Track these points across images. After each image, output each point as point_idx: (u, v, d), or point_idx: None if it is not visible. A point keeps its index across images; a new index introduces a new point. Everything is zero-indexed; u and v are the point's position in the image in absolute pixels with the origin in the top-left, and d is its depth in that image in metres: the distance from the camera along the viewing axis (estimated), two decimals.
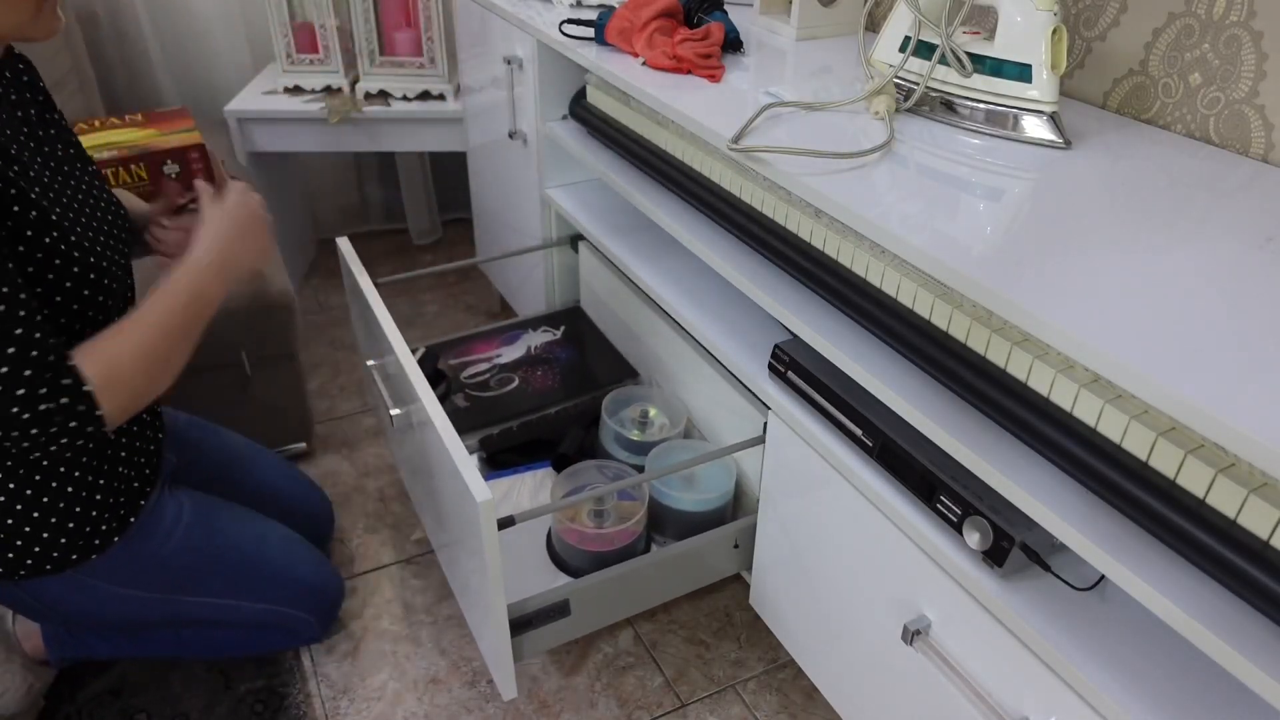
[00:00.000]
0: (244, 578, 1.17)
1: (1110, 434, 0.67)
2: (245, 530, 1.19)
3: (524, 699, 1.27)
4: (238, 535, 1.17)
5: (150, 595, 1.10)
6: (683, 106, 1.09)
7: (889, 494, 0.91)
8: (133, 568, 1.07)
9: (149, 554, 1.07)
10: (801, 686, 1.30)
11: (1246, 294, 0.72)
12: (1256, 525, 0.59)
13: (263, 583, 1.19)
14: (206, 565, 1.13)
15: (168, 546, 1.09)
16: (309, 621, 1.27)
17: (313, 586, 1.27)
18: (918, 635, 0.90)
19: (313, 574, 1.27)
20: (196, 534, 1.12)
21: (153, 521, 1.08)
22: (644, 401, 1.36)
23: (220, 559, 1.14)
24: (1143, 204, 0.87)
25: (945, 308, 0.81)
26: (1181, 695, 0.71)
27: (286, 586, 1.22)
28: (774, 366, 1.06)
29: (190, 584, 1.12)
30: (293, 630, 1.27)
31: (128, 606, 1.09)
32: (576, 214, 1.49)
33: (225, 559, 1.15)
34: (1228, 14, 0.98)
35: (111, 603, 1.07)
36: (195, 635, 1.23)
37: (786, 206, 0.99)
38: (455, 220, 2.57)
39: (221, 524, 1.16)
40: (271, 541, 1.22)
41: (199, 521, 1.13)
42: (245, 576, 1.17)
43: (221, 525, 1.16)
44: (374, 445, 1.73)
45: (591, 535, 1.16)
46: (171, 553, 1.09)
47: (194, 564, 1.12)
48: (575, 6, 1.48)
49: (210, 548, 1.13)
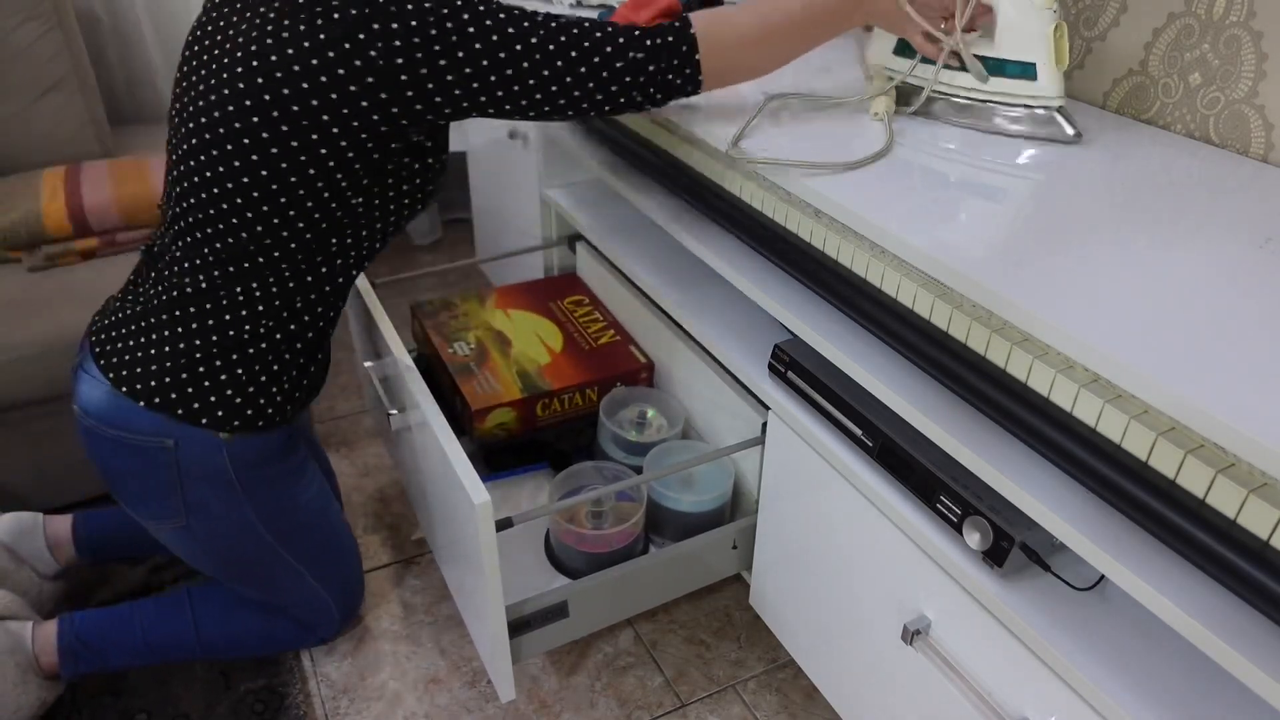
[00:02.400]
0: (326, 552, 1.23)
1: (1110, 434, 0.67)
2: (338, 511, 1.26)
3: (524, 699, 1.27)
4: (337, 513, 1.25)
5: (265, 535, 1.13)
6: (682, 106, 1.09)
7: (889, 494, 0.91)
8: (276, 502, 1.12)
9: (292, 495, 1.14)
10: (801, 686, 1.30)
11: (1246, 294, 0.72)
12: (1256, 525, 0.59)
13: (332, 564, 1.25)
14: (313, 526, 1.19)
15: (304, 496, 1.16)
16: (334, 618, 1.30)
17: (353, 585, 1.32)
18: (918, 635, 0.90)
19: (357, 576, 1.32)
20: (320, 497, 1.19)
21: (303, 468, 1.15)
22: (642, 402, 1.36)
23: (322, 526, 1.21)
24: (1143, 204, 0.87)
25: (945, 308, 0.81)
26: (1181, 695, 0.71)
27: (342, 575, 1.28)
28: (774, 366, 1.06)
29: (295, 537, 1.17)
30: (311, 625, 1.29)
31: (242, 539, 1.12)
32: (576, 214, 1.49)
33: (326, 528, 1.21)
34: (1228, 14, 0.98)
35: (237, 529, 1.10)
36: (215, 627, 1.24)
37: (786, 206, 0.99)
38: (455, 220, 2.57)
39: (330, 497, 1.23)
40: (349, 531, 1.29)
41: (322, 487, 1.20)
42: (327, 551, 1.23)
43: (330, 498, 1.23)
44: (374, 445, 1.73)
45: (590, 537, 1.16)
46: (303, 503, 1.16)
47: (307, 521, 1.17)
48: (575, 6, 1.48)
49: (322, 513, 1.20)
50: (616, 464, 1.26)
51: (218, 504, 1.07)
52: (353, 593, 1.32)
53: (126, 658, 1.23)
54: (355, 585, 1.32)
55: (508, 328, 1.44)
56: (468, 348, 1.38)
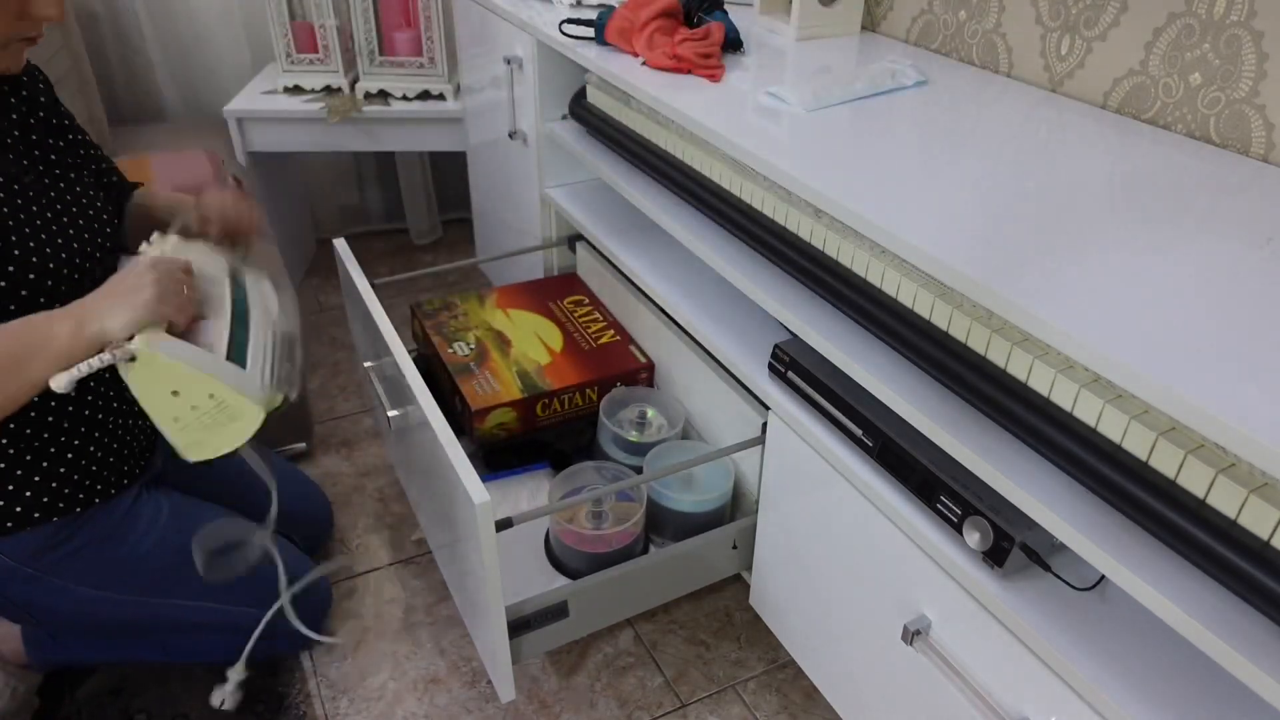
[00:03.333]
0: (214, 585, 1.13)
1: (1110, 434, 0.67)
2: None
3: (524, 699, 1.27)
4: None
5: (125, 597, 1.07)
6: (683, 106, 1.09)
7: (889, 494, 0.91)
8: (105, 569, 1.05)
9: (123, 555, 1.05)
10: (801, 686, 1.30)
11: (1246, 294, 0.72)
12: (1256, 525, 0.59)
13: (244, 585, 1.14)
14: (185, 566, 1.09)
15: (143, 546, 1.07)
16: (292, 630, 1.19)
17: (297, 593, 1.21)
18: (918, 635, 0.90)
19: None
20: (174, 534, 1.09)
21: (129, 522, 1.06)
22: (642, 402, 1.36)
23: (184, 566, 1.10)
24: (1143, 204, 0.87)
25: (945, 308, 0.81)
26: (1181, 695, 0.71)
27: (270, 591, 1.16)
28: (774, 366, 1.06)
29: (167, 585, 1.09)
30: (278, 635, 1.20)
31: (103, 609, 1.07)
32: (576, 214, 1.49)
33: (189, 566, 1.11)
34: (1228, 14, 0.98)
35: (86, 605, 1.06)
36: (179, 640, 1.21)
37: (786, 206, 0.99)
38: (455, 220, 2.57)
39: (202, 524, 1.12)
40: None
41: (178, 522, 1.10)
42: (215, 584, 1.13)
43: (201, 525, 1.12)
44: (374, 445, 1.73)
45: (590, 537, 1.16)
46: (147, 552, 1.07)
47: (171, 564, 1.09)
48: (575, 6, 1.48)
49: (186, 549, 1.09)
50: (616, 464, 1.26)
51: (42, 595, 1.03)
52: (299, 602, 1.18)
53: (93, 652, 1.20)
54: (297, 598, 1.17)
55: (508, 328, 1.44)
56: (468, 348, 1.38)
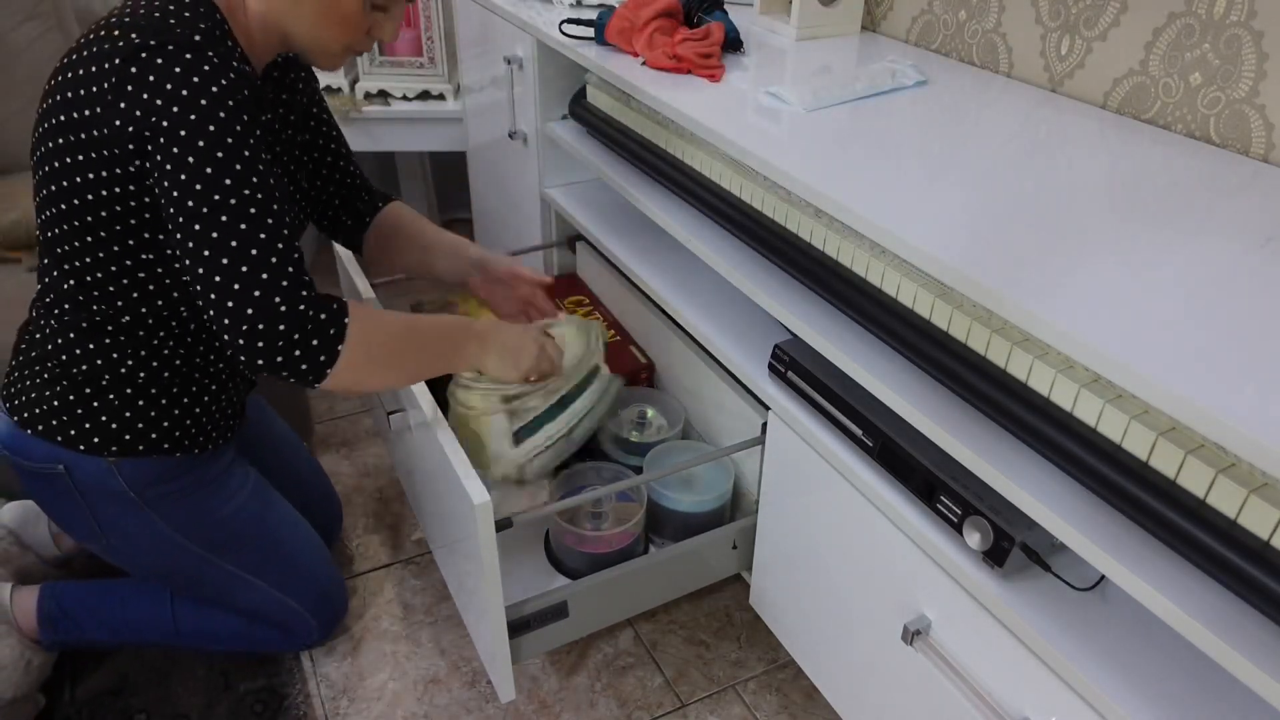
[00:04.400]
0: (275, 561, 1.21)
1: (1110, 434, 0.67)
2: (289, 519, 1.24)
3: (524, 699, 1.27)
4: (282, 521, 1.22)
5: (193, 548, 1.13)
6: (683, 106, 1.09)
7: (889, 494, 0.91)
8: (193, 515, 1.11)
9: (213, 506, 1.13)
10: (801, 686, 1.30)
11: (1247, 294, 0.72)
12: (1256, 525, 0.59)
13: (288, 572, 1.23)
14: (250, 536, 1.17)
15: (228, 507, 1.14)
16: (311, 626, 1.28)
17: (326, 592, 1.29)
18: (918, 635, 0.90)
19: (329, 581, 1.30)
20: (253, 506, 1.17)
21: (224, 479, 1.14)
22: (642, 402, 1.36)
23: (262, 535, 1.19)
24: (1143, 204, 0.87)
25: (945, 308, 0.81)
26: (1181, 695, 0.71)
27: (306, 583, 1.26)
28: (774, 366, 1.06)
29: (230, 548, 1.16)
30: (291, 630, 1.27)
31: (170, 554, 1.13)
32: (576, 214, 1.49)
33: (267, 537, 1.20)
34: (1228, 14, 0.98)
35: (162, 544, 1.11)
36: (193, 620, 1.24)
37: (786, 206, 0.99)
38: (455, 220, 2.57)
39: (273, 505, 1.22)
40: (305, 538, 1.26)
41: (257, 496, 1.18)
42: (276, 560, 1.21)
43: (273, 506, 1.22)
44: (374, 445, 1.73)
45: (590, 537, 1.16)
46: (229, 514, 1.14)
47: (240, 531, 1.16)
48: (575, 6, 1.48)
49: (258, 522, 1.18)
50: (617, 464, 1.26)
51: (130, 522, 1.08)
52: (327, 602, 1.29)
53: (105, 632, 1.23)
54: (328, 594, 1.29)
55: None
56: None
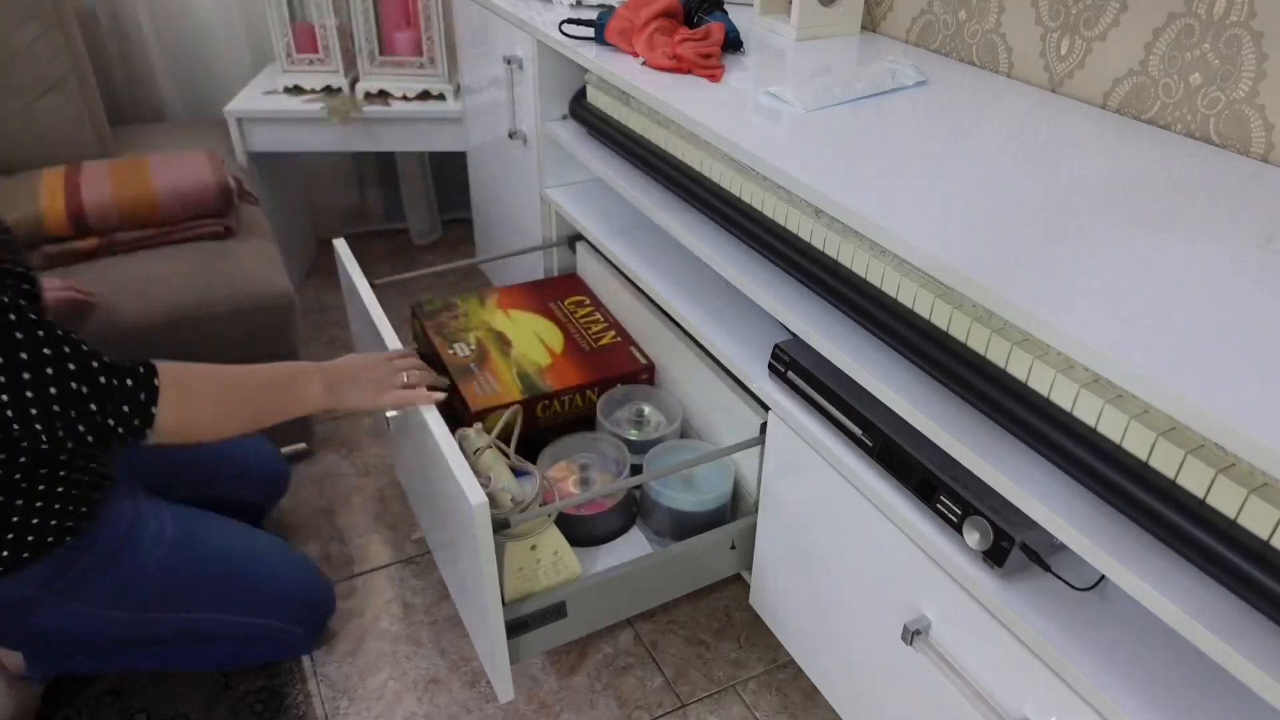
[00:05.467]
0: (231, 591, 1.14)
1: (1110, 434, 0.67)
2: (231, 542, 1.17)
3: (523, 699, 1.27)
4: (223, 547, 1.15)
5: (135, 614, 1.08)
6: (683, 106, 1.09)
7: (889, 494, 0.91)
8: (116, 588, 1.05)
9: (132, 573, 1.06)
10: (801, 686, 1.30)
11: (1247, 294, 0.72)
12: (1256, 525, 0.59)
13: (250, 596, 1.16)
14: (192, 580, 1.11)
15: (151, 563, 1.07)
16: (297, 634, 1.24)
17: (301, 599, 1.24)
18: (918, 635, 0.90)
19: (301, 587, 1.24)
20: (180, 549, 1.10)
21: (131, 541, 1.07)
22: (638, 400, 1.36)
23: (206, 573, 1.12)
24: (1143, 204, 0.87)
25: (945, 308, 0.81)
26: (1181, 695, 0.71)
27: (274, 600, 1.19)
28: (774, 366, 1.06)
29: (176, 600, 1.10)
30: (281, 642, 1.24)
31: (114, 627, 1.08)
32: (576, 214, 1.49)
33: (211, 572, 1.12)
34: (1228, 14, 0.98)
35: (98, 624, 1.06)
36: (182, 651, 1.20)
37: (786, 206, 0.99)
38: (455, 220, 2.57)
39: (205, 536, 1.14)
40: (259, 553, 1.19)
41: (182, 535, 1.11)
42: (232, 590, 1.15)
43: (206, 537, 1.14)
44: (374, 445, 1.73)
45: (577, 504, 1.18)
46: (156, 570, 1.08)
47: (179, 580, 1.10)
48: (575, 6, 1.48)
49: (195, 561, 1.11)
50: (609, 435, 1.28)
51: (60, 620, 1.04)
52: (305, 607, 1.24)
53: (96, 661, 1.19)
54: (303, 601, 1.24)
55: (508, 328, 1.44)
56: (468, 348, 1.38)
